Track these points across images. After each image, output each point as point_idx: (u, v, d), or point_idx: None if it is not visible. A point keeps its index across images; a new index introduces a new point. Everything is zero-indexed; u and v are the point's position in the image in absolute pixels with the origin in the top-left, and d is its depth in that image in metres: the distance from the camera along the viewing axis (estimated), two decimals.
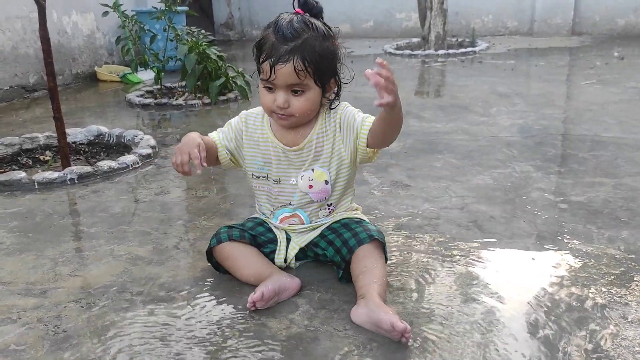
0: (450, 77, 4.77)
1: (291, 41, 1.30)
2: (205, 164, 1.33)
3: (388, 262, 1.45)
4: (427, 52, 5.95)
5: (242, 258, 1.44)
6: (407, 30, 7.62)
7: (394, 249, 1.61)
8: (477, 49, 6.04)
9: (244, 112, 1.53)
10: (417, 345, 1.17)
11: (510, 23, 7.33)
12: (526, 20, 7.23)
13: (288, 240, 1.51)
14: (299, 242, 1.50)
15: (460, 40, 6.71)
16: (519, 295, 1.36)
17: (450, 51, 5.92)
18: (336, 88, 1.43)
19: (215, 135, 1.51)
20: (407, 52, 6.03)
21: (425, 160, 2.42)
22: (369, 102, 1.29)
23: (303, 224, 1.50)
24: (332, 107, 1.44)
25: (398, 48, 6.38)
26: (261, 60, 1.34)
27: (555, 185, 2.09)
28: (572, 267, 1.48)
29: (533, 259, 1.54)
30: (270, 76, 1.32)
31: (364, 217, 1.55)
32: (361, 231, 1.41)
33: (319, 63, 1.32)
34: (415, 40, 6.78)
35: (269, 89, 1.36)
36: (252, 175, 1.50)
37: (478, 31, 7.23)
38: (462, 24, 7.39)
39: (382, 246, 1.41)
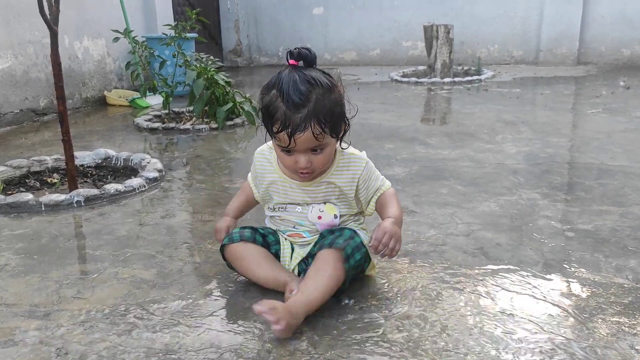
0: (456, 104, 4.79)
1: (303, 107, 1.30)
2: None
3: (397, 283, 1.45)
4: (433, 79, 6.00)
5: (253, 260, 1.49)
6: (413, 58, 7.69)
7: (399, 274, 1.60)
8: (482, 77, 6.08)
9: (256, 151, 1.59)
10: None
11: (516, 52, 7.39)
12: (532, 49, 7.29)
13: (292, 249, 1.55)
14: (300, 253, 1.54)
15: (466, 68, 6.77)
16: (526, 323, 1.34)
17: (456, 79, 5.96)
18: (345, 127, 1.45)
19: (251, 183, 1.65)
20: (414, 79, 6.07)
21: (431, 186, 2.42)
22: (375, 128, 1.30)
23: (305, 238, 1.54)
24: (343, 147, 1.49)
25: (404, 75, 6.43)
26: (276, 130, 1.34)
27: (561, 213, 2.08)
28: (580, 296, 1.47)
29: (539, 287, 1.53)
30: (289, 144, 1.33)
31: (363, 235, 1.52)
32: (331, 238, 1.42)
33: (332, 119, 1.34)
34: (421, 68, 6.84)
35: (287, 152, 1.38)
36: (262, 200, 1.60)
37: (484, 60, 7.29)
38: (468, 52, 7.46)
39: (340, 253, 1.39)
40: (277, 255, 1.55)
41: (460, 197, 2.27)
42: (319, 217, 1.50)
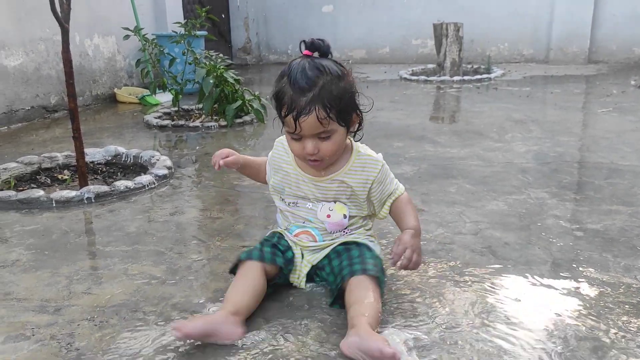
0: (465, 103, 4.78)
1: (309, 91, 1.32)
2: (217, 168, 1.63)
3: (395, 288, 1.45)
4: (442, 78, 5.98)
5: (238, 283, 1.42)
6: (422, 56, 7.67)
7: (406, 272, 1.60)
8: (492, 75, 6.06)
9: (277, 139, 1.59)
10: None
11: (526, 51, 7.35)
12: (542, 48, 7.25)
13: (302, 257, 1.53)
14: (310, 259, 1.52)
15: (475, 67, 6.74)
16: (533, 323, 1.34)
17: (466, 77, 5.94)
18: (358, 121, 1.46)
19: (268, 162, 1.63)
20: (423, 77, 6.06)
21: (439, 185, 2.42)
22: (384, 126, 1.31)
23: (315, 241, 1.52)
24: (356, 139, 1.49)
25: (413, 74, 6.42)
26: (283, 114, 1.36)
27: (570, 213, 2.07)
28: (588, 296, 1.46)
29: (547, 286, 1.53)
30: (295, 129, 1.35)
31: (374, 247, 1.54)
32: (358, 262, 1.41)
33: (339, 105, 1.34)
34: (430, 66, 6.82)
35: (296, 139, 1.39)
36: (273, 189, 1.58)
37: (494, 58, 7.26)
38: (477, 51, 7.43)
39: (376, 280, 1.39)
40: (293, 258, 1.52)
41: (469, 196, 2.27)
42: (328, 216, 1.49)
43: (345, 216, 1.50)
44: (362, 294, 1.33)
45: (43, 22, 4.21)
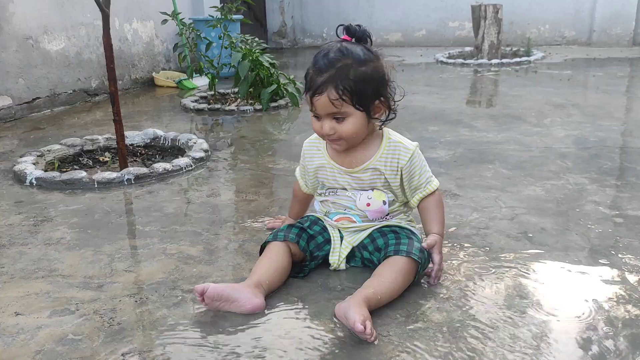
0: (503, 86, 4.69)
1: (325, 72, 1.36)
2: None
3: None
4: (479, 61, 5.87)
5: (262, 260, 1.47)
6: (460, 39, 7.54)
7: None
8: (532, 58, 5.92)
9: (305, 140, 1.62)
10: (464, 356, 1.17)
11: (568, 33, 7.14)
12: (585, 30, 7.03)
13: (341, 239, 1.54)
14: (351, 241, 1.53)
15: (514, 49, 6.59)
16: (570, 310, 1.33)
17: (504, 60, 5.82)
18: (386, 109, 1.45)
19: (299, 177, 1.66)
20: (460, 61, 5.96)
21: (475, 169, 2.40)
22: (419, 110, 1.30)
23: (355, 223, 1.53)
24: (380, 128, 1.49)
25: (450, 57, 6.32)
26: (304, 92, 1.44)
27: (610, 199, 2.02)
28: (627, 283, 1.44)
29: (585, 273, 1.50)
30: (311, 107, 1.41)
31: (417, 232, 1.55)
32: (405, 243, 1.43)
33: (355, 89, 1.36)
34: (468, 49, 6.70)
35: (317, 117, 1.43)
36: (314, 190, 1.63)
37: (534, 41, 7.08)
38: (517, 33, 7.26)
39: (415, 267, 1.40)
40: (323, 244, 1.54)
41: (505, 181, 2.24)
42: (368, 204, 1.50)
43: (384, 202, 1.50)
44: (387, 272, 1.37)
45: (84, 7, 4.30)
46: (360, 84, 1.36)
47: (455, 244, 1.69)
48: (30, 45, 3.89)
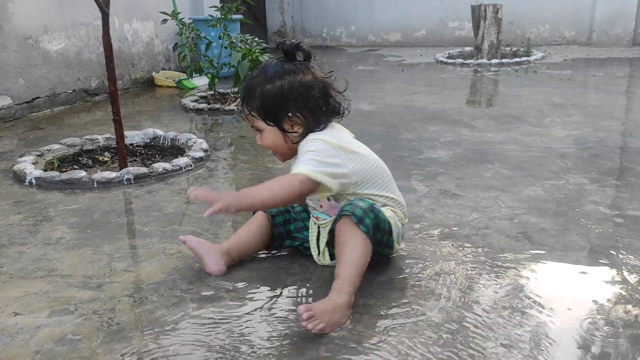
0: (503, 86, 4.68)
1: (244, 89, 1.49)
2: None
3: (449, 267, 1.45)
4: (479, 61, 5.87)
5: (241, 229, 1.62)
6: (459, 39, 7.53)
7: (440, 256, 1.60)
8: (532, 58, 5.92)
9: None
10: (464, 356, 1.16)
11: (568, 33, 7.14)
12: (584, 30, 7.03)
13: (319, 231, 1.57)
14: (324, 234, 1.55)
15: (514, 49, 6.59)
16: (570, 310, 1.33)
17: (504, 60, 5.82)
18: (299, 125, 1.44)
19: None
20: (459, 61, 5.96)
21: (475, 169, 2.40)
22: (419, 110, 1.29)
23: (324, 220, 1.55)
24: (294, 142, 1.47)
25: (450, 57, 6.32)
26: None
27: (610, 199, 2.02)
28: (627, 284, 1.44)
29: (585, 273, 1.50)
30: None
31: (382, 209, 1.46)
32: (343, 206, 1.41)
33: (260, 105, 1.44)
34: (468, 49, 6.69)
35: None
36: None
37: (534, 41, 7.07)
38: (517, 33, 7.25)
39: (353, 222, 1.36)
40: (302, 229, 1.62)
41: (505, 181, 2.24)
42: (321, 206, 1.53)
43: (329, 199, 1.50)
44: (341, 250, 1.37)
45: (84, 7, 4.30)
46: (265, 102, 1.44)
47: (455, 244, 1.69)
48: (30, 45, 3.89)
